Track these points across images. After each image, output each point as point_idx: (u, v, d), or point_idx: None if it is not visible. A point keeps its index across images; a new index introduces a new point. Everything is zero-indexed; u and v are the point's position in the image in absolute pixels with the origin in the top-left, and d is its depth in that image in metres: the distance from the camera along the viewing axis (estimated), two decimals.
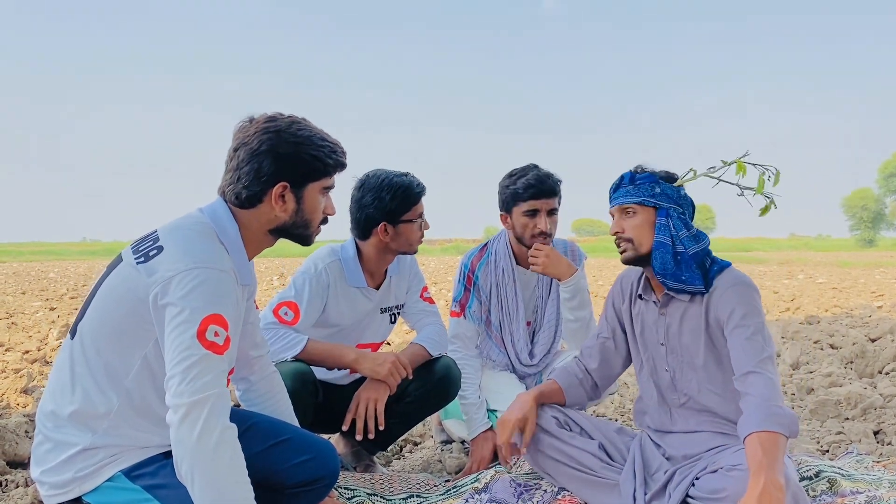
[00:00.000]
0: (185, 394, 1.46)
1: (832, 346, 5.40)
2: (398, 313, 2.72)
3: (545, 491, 2.25)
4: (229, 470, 1.49)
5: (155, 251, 1.58)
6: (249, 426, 1.85)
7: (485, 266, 2.88)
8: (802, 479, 2.24)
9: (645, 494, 2.00)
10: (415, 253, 2.55)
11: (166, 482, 1.58)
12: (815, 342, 5.57)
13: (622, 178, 2.13)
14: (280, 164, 1.65)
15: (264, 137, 1.65)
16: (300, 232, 1.76)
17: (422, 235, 2.49)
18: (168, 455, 1.55)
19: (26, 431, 2.82)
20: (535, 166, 2.74)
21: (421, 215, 2.46)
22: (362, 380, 2.52)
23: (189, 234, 1.62)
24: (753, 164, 2.01)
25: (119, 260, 1.68)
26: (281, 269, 20.66)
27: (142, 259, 1.59)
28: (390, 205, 2.38)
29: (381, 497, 2.29)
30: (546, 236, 2.71)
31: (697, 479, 1.95)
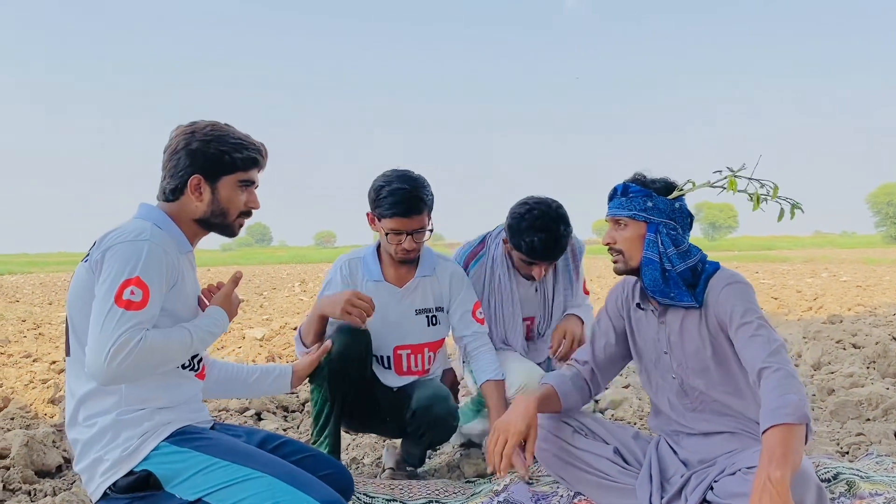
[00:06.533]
0: (106, 353, 1.62)
1: (855, 346, 5.35)
2: (437, 317, 2.69)
3: (561, 496, 2.27)
4: (158, 343, 1.70)
5: (97, 251, 1.76)
6: (283, 442, 2.05)
7: (479, 266, 2.87)
8: (821, 481, 2.23)
9: (661, 499, 2.01)
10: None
11: (210, 436, 1.83)
12: (838, 342, 5.52)
13: (616, 188, 2.12)
14: (192, 159, 1.85)
15: (181, 138, 1.86)
16: (219, 222, 1.92)
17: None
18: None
19: (54, 441, 2.88)
20: None
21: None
22: (409, 385, 2.63)
23: (122, 225, 1.81)
24: (749, 179, 1.98)
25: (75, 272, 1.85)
26: (302, 275, 20.79)
27: (87, 259, 1.79)
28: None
29: (400, 503, 2.32)
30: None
31: (716, 481, 1.94)
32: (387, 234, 2.49)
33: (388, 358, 2.64)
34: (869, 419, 3.29)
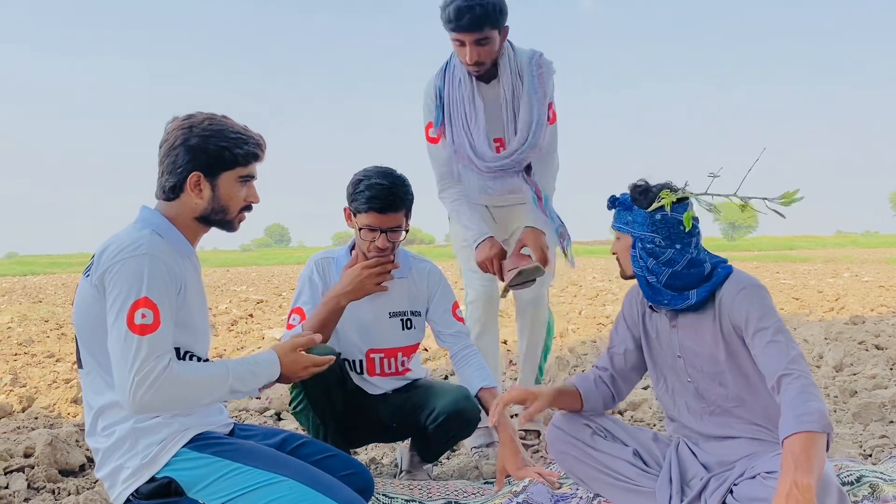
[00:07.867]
0: (130, 383, 1.63)
1: (877, 347, 5.29)
2: (412, 320, 2.65)
3: (581, 497, 2.26)
4: (187, 375, 1.71)
5: (96, 270, 1.75)
6: (303, 442, 2.07)
7: (447, 82, 2.81)
8: (843, 484, 2.21)
9: (681, 502, 2.00)
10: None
11: (230, 440, 1.84)
12: (860, 343, 5.46)
13: (607, 202, 2.17)
14: (191, 156, 1.80)
15: (179, 133, 1.81)
16: (220, 218, 1.89)
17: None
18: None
19: (77, 441, 2.92)
20: None
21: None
22: (399, 391, 2.62)
23: (118, 235, 1.79)
24: (764, 200, 1.89)
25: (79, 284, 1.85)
26: None
27: (88, 272, 1.78)
28: None
29: (419, 503, 2.33)
30: None
31: (735, 485, 1.93)
32: (360, 230, 2.43)
33: (361, 362, 2.60)
34: (892, 421, 3.26)
